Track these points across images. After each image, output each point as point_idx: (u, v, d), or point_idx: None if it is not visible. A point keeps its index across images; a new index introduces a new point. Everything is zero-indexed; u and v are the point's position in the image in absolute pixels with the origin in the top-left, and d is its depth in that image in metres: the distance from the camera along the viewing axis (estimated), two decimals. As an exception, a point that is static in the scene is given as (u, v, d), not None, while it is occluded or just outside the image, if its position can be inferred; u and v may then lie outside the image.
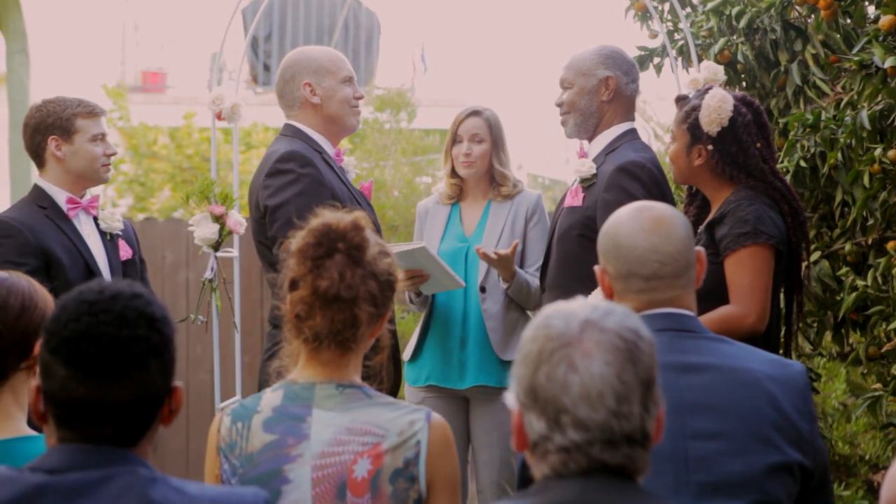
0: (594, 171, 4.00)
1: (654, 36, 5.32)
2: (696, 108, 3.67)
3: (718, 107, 3.61)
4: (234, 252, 4.51)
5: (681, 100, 3.79)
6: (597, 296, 3.55)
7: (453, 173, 4.68)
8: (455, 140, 4.65)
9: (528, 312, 4.67)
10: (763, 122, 3.70)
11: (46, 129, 3.97)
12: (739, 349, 2.44)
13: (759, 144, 3.64)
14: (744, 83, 4.91)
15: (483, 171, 4.66)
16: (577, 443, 1.73)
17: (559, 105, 4.15)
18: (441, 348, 4.55)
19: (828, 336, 4.79)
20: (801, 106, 4.70)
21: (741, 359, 2.40)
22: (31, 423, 2.46)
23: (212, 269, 4.38)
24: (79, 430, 1.86)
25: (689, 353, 2.37)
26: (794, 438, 2.33)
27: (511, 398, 1.82)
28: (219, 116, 4.53)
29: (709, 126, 3.63)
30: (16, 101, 8.01)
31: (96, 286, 1.91)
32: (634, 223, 2.44)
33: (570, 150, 16.14)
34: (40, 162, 4.02)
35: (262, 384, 3.99)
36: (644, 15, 5.24)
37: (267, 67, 15.67)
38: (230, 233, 4.34)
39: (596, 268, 2.52)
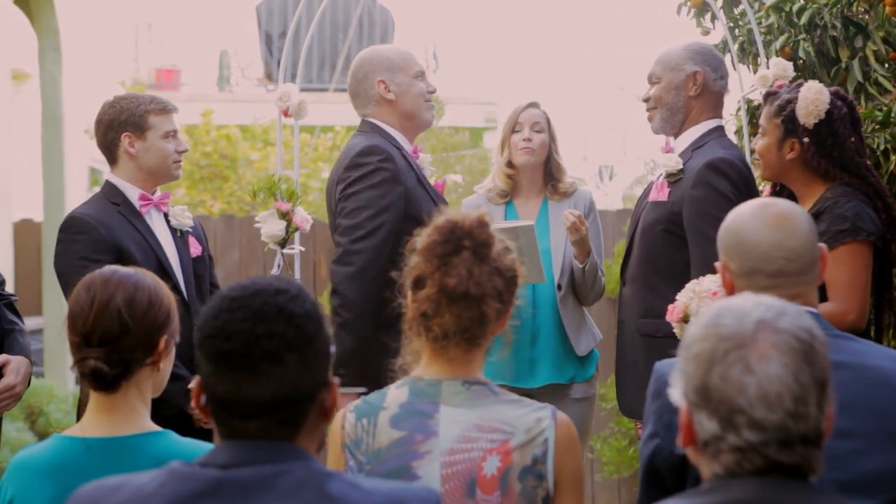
0: (681, 166, 4.00)
1: (706, 33, 5.31)
2: (792, 101, 3.67)
3: (815, 99, 3.61)
4: (295, 248, 4.48)
5: (770, 95, 3.78)
6: (688, 292, 3.55)
7: (509, 164, 4.67)
8: (514, 130, 4.65)
9: (585, 309, 4.66)
10: (857, 117, 3.71)
11: (120, 125, 3.94)
12: (867, 347, 2.43)
13: (853, 139, 3.65)
14: (803, 80, 4.90)
15: (540, 162, 4.65)
16: (753, 443, 1.72)
17: (646, 100, 4.15)
18: (511, 346, 4.53)
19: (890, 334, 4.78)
20: (863, 103, 4.69)
21: (871, 356, 2.39)
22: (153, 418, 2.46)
23: (278, 265, 4.36)
24: (227, 425, 1.85)
25: (821, 351, 2.35)
26: (926, 436, 2.32)
27: (677, 395, 1.81)
28: (285, 113, 4.51)
29: (805, 118, 3.63)
30: (48, 97, 8.01)
31: (246, 282, 1.90)
32: (758, 219, 2.43)
33: (587, 148, 16.15)
34: (112, 158, 4.00)
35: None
36: (700, 11, 5.23)
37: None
38: (296, 230, 4.32)
39: (717, 264, 2.51)
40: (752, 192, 3.91)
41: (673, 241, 3.97)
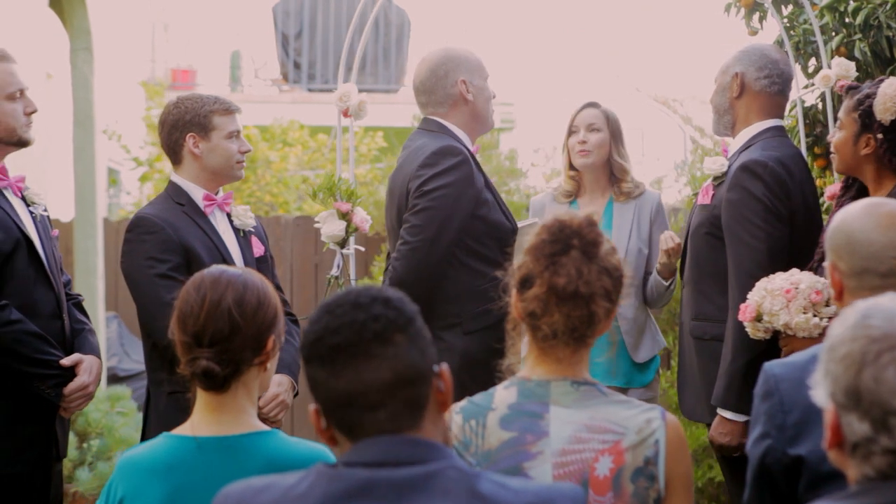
0: (724, 169, 4.00)
1: (754, 33, 5.29)
2: (871, 97, 3.65)
3: (894, 95, 3.60)
4: (350, 248, 4.46)
5: (851, 89, 3.77)
6: (760, 291, 3.55)
7: (570, 166, 4.67)
8: (571, 131, 4.65)
9: (651, 314, 4.66)
10: None
11: (184, 126, 3.92)
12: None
13: None
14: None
15: (601, 162, 4.65)
16: None
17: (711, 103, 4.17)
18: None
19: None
20: (919, 103, 4.67)
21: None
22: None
23: (338, 266, 4.35)
24: (357, 425, 1.85)
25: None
26: None
27: (822, 397, 1.79)
28: (345, 113, 4.49)
29: (882, 114, 3.62)
30: (80, 97, 7.97)
31: (338, 291, 1.94)
32: (869, 219, 2.42)
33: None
34: (177, 159, 3.98)
35: None
36: (751, 11, 5.21)
37: (297, 65, 15.64)
38: (356, 230, 4.31)
39: (825, 264, 2.50)
40: (788, 194, 3.89)
41: (715, 243, 3.97)
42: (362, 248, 4.53)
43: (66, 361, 3.66)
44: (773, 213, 3.83)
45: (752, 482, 2.41)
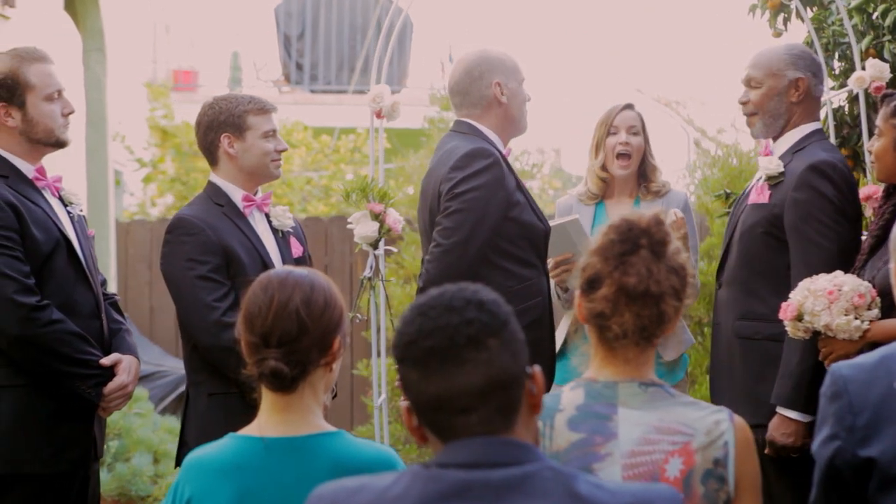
0: (781, 169, 3.99)
1: (778, 34, 5.28)
2: None
3: None
4: (380, 249, 4.45)
5: (887, 96, 3.76)
6: (802, 291, 3.54)
7: (602, 168, 4.66)
8: (609, 132, 4.63)
9: None
10: None
11: (219, 126, 3.91)
12: None
13: None
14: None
15: (636, 165, 4.65)
16: None
17: (744, 103, 4.12)
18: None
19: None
20: (947, 106, 4.67)
21: None
22: None
23: (370, 267, 4.34)
24: (448, 428, 1.84)
25: None
26: None
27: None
28: (378, 114, 4.48)
29: None
30: (93, 98, 7.97)
31: (431, 291, 1.93)
32: (936, 220, 2.41)
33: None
34: (213, 159, 3.97)
35: None
36: (776, 12, 5.20)
37: (299, 66, 15.62)
38: (389, 230, 4.30)
39: (891, 265, 2.48)
40: (855, 196, 3.91)
41: (773, 243, 3.96)
42: (394, 249, 4.52)
43: (105, 361, 3.67)
44: (842, 214, 3.85)
45: (820, 484, 2.39)
